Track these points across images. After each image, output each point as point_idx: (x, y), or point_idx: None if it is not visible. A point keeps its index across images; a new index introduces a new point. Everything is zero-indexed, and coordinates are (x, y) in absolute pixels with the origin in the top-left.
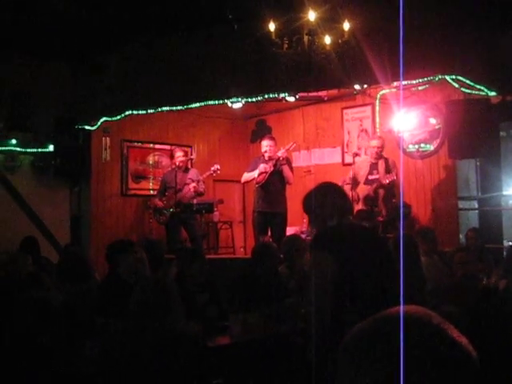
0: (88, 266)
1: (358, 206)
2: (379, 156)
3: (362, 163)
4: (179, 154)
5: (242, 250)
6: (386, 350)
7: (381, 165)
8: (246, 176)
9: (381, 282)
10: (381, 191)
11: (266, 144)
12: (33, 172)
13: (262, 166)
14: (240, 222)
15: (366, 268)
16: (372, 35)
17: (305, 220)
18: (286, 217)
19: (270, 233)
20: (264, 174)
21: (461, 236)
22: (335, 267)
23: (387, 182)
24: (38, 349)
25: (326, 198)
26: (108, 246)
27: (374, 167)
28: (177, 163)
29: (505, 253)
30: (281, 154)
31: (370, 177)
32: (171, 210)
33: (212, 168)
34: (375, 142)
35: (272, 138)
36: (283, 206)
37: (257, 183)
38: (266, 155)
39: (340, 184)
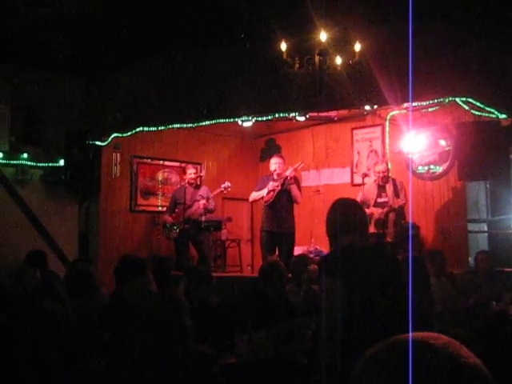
0: (95, 281)
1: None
2: (386, 180)
3: (370, 186)
4: (191, 171)
5: (249, 268)
6: (397, 376)
7: (389, 187)
8: (254, 195)
9: (391, 303)
10: (391, 215)
11: (274, 162)
12: (43, 186)
13: (270, 185)
14: (248, 241)
15: (377, 290)
16: (382, 56)
17: (313, 240)
18: (293, 236)
19: (277, 252)
20: (272, 193)
21: (470, 259)
22: (345, 292)
23: (397, 206)
24: (44, 361)
25: (338, 215)
26: (119, 265)
27: (382, 190)
28: (187, 180)
29: None
30: (288, 173)
31: (379, 199)
32: (180, 226)
33: (222, 185)
34: (380, 167)
35: (281, 157)
36: (291, 225)
37: (265, 202)
38: (276, 173)
39: None
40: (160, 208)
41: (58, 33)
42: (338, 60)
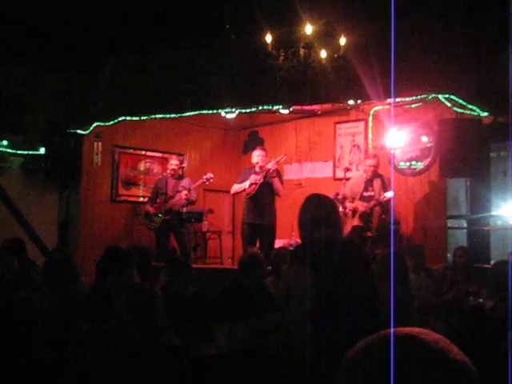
0: (74, 269)
1: (353, 222)
2: (375, 174)
3: (358, 179)
4: (173, 162)
5: (229, 260)
6: (385, 370)
7: (376, 182)
8: (236, 187)
9: (360, 293)
10: (377, 208)
11: (257, 154)
12: (23, 174)
13: (252, 177)
14: (229, 233)
15: (345, 281)
16: (366, 52)
17: (294, 233)
18: (274, 229)
19: (258, 244)
20: (254, 186)
21: (449, 255)
22: (314, 281)
23: (385, 198)
24: (22, 349)
25: (310, 209)
26: (105, 255)
27: (368, 184)
28: (168, 170)
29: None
30: (271, 165)
31: (365, 193)
32: (161, 216)
33: (204, 176)
34: (371, 161)
35: (263, 149)
36: (272, 218)
37: (247, 195)
38: (258, 165)
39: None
40: (141, 198)
41: (40, 22)
42: (323, 53)
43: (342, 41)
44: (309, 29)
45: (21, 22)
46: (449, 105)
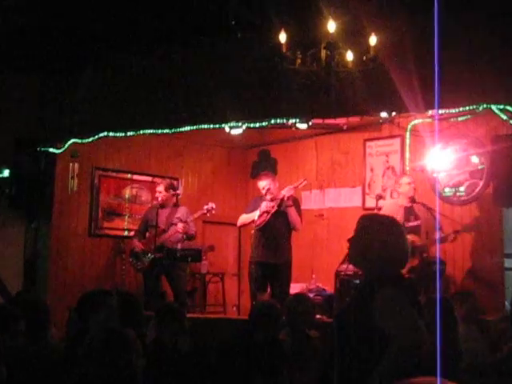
0: (43, 317)
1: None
2: (413, 198)
3: (392, 208)
4: (158, 189)
5: (234, 309)
6: None
7: (418, 208)
8: (244, 218)
9: None
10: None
11: (262, 185)
12: None
13: (263, 205)
14: (234, 275)
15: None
16: (403, 53)
17: (314, 275)
18: (290, 270)
19: (269, 289)
20: (265, 215)
21: (506, 303)
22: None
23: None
24: None
25: (399, 240)
26: (78, 302)
27: (410, 212)
28: (158, 198)
29: None
30: (286, 192)
31: (408, 224)
32: (151, 254)
33: (205, 207)
34: (407, 179)
35: (269, 175)
36: (287, 256)
37: (256, 226)
38: (268, 197)
39: None
40: (126, 232)
41: (9, 20)
42: (350, 56)
43: (373, 40)
44: (332, 26)
45: None
46: (504, 118)
